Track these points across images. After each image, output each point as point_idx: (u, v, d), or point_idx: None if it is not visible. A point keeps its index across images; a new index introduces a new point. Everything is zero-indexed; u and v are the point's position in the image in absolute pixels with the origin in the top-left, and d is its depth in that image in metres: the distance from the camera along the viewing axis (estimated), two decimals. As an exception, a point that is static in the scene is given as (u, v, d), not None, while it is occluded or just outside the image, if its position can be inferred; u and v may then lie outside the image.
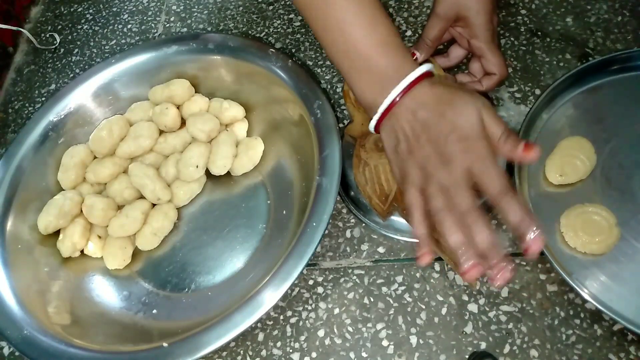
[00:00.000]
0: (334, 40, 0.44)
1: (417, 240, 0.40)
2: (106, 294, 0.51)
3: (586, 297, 0.42)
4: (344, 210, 0.52)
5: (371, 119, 0.44)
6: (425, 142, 0.40)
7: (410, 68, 0.42)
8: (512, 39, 0.60)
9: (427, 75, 0.42)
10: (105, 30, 0.74)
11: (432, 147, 0.40)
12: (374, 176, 0.49)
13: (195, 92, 0.58)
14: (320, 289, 0.49)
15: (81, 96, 0.57)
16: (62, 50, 0.73)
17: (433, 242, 0.45)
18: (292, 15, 0.68)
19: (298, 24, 0.67)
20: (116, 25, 0.74)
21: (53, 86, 0.70)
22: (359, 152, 0.51)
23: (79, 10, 0.78)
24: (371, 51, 0.42)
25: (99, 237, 0.53)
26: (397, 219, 0.49)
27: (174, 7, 0.74)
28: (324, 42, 0.45)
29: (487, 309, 0.45)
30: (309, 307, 0.48)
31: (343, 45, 0.43)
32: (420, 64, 0.42)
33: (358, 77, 0.43)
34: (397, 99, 0.41)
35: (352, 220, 0.52)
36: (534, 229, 0.36)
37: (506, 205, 0.37)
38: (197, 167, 0.53)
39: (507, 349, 0.43)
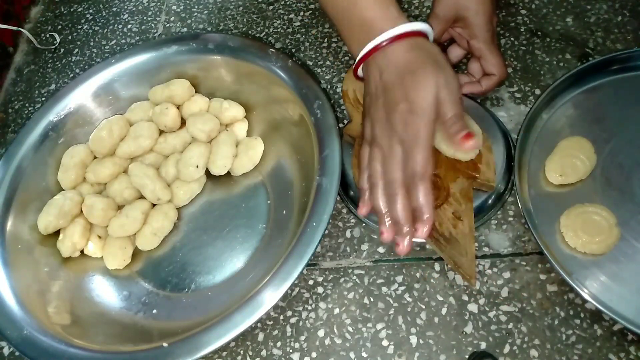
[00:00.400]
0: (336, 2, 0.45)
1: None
2: (106, 294, 0.51)
3: (586, 297, 0.42)
4: (344, 210, 0.52)
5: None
6: (380, 105, 0.42)
7: (396, 21, 0.42)
8: (512, 39, 0.60)
9: (416, 34, 0.43)
10: (105, 30, 0.74)
11: (384, 111, 0.42)
12: (373, 176, 0.49)
13: (195, 92, 0.58)
14: (320, 289, 0.49)
15: (81, 96, 0.57)
16: (62, 50, 0.73)
17: (433, 242, 0.45)
18: (292, 15, 0.68)
19: (298, 24, 0.67)
20: (116, 25, 0.74)
21: (53, 86, 0.70)
22: (357, 152, 0.51)
23: (79, 10, 0.78)
24: (368, 5, 0.43)
25: (99, 237, 0.53)
26: (397, 219, 0.49)
27: (174, 7, 0.74)
28: (326, 6, 0.46)
29: (487, 309, 0.45)
30: (309, 307, 0.48)
31: (344, 2, 0.44)
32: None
33: (351, 31, 0.45)
34: (371, 50, 0.43)
35: (352, 220, 0.52)
36: (422, 224, 0.40)
37: (414, 190, 0.40)
38: (197, 167, 0.53)
39: (507, 349, 0.43)
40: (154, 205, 0.53)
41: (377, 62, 0.43)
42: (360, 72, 0.46)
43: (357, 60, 0.44)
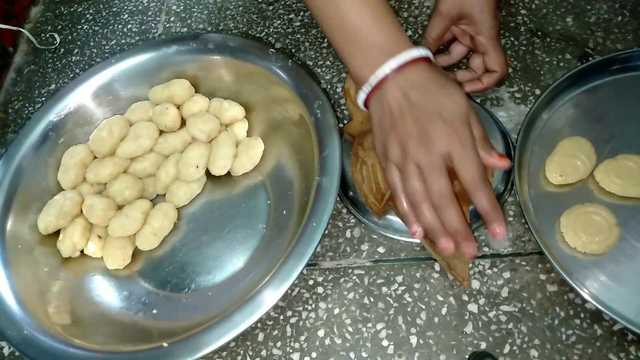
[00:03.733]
0: (329, 14, 0.44)
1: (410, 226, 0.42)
2: (106, 294, 0.51)
3: (586, 297, 0.42)
4: (344, 211, 0.52)
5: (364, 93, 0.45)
6: (409, 121, 0.41)
7: (407, 45, 0.43)
8: (512, 39, 0.60)
9: (424, 60, 0.43)
10: (105, 30, 0.74)
11: (416, 126, 0.41)
12: (370, 175, 0.49)
13: (195, 92, 0.58)
14: (320, 289, 0.49)
15: (81, 96, 0.57)
16: (62, 50, 0.73)
17: (428, 243, 0.46)
18: (292, 15, 0.68)
19: (298, 24, 0.67)
20: (116, 25, 0.74)
21: (53, 86, 0.70)
22: (357, 151, 0.51)
23: (79, 10, 0.78)
24: (368, 26, 0.43)
25: (99, 237, 0.53)
26: (397, 220, 0.49)
27: (174, 7, 0.74)
28: (320, 17, 0.46)
29: (487, 309, 0.45)
30: (309, 307, 0.48)
31: (338, 20, 0.44)
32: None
33: (353, 51, 0.44)
34: (389, 73, 0.42)
35: (352, 220, 0.52)
36: (496, 223, 0.40)
37: (477, 195, 0.40)
38: (197, 167, 0.53)
39: (507, 349, 0.43)
40: (154, 205, 0.53)
41: (398, 82, 0.42)
42: (361, 97, 0.45)
43: (374, 82, 0.43)
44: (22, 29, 0.75)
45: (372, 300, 0.47)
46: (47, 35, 0.75)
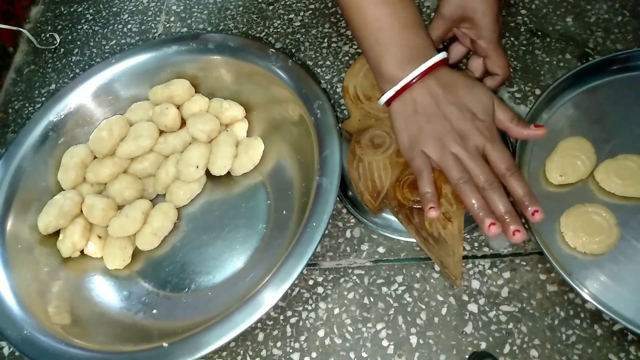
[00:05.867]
0: (362, 17, 0.47)
1: (425, 198, 0.45)
2: (106, 294, 0.51)
3: (586, 297, 0.42)
4: (344, 211, 0.52)
5: (384, 92, 0.48)
6: (441, 118, 0.46)
7: (433, 50, 0.48)
8: (512, 39, 0.60)
9: (445, 61, 0.47)
10: (105, 30, 0.74)
11: (450, 123, 0.45)
12: (367, 172, 0.50)
13: (195, 92, 0.58)
14: (320, 289, 0.49)
15: (81, 96, 0.57)
16: (62, 50, 0.73)
17: (422, 241, 0.46)
18: (292, 15, 0.68)
19: (298, 24, 0.67)
20: (116, 25, 0.74)
21: (53, 86, 0.70)
22: (354, 148, 0.51)
23: (79, 10, 0.78)
24: (401, 29, 0.47)
25: (99, 237, 0.53)
26: (396, 219, 0.49)
27: (174, 7, 0.74)
28: (351, 17, 0.48)
29: (487, 309, 0.45)
30: (309, 307, 0.48)
31: (372, 23, 0.47)
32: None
33: (385, 51, 0.47)
34: (417, 77, 0.46)
35: (352, 220, 0.52)
36: (535, 206, 0.42)
37: (513, 182, 0.43)
38: (197, 167, 0.53)
39: (507, 349, 0.43)
40: (154, 205, 0.53)
41: (427, 83, 0.46)
42: (387, 96, 0.47)
43: (404, 83, 0.46)
44: (22, 29, 0.75)
45: (372, 300, 0.47)
46: (47, 35, 0.75)
